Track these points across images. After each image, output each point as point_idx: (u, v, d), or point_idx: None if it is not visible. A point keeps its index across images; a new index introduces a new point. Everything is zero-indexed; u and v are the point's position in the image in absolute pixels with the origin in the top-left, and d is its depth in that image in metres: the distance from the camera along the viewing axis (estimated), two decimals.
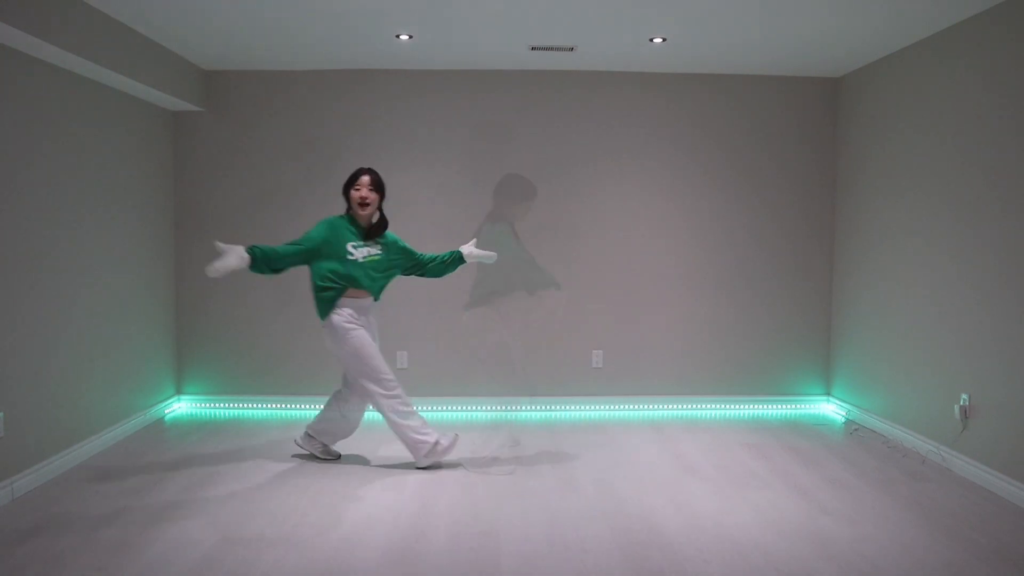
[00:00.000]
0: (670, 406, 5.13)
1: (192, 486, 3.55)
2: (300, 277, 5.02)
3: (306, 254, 3.64)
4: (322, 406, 4.01)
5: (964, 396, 3.77)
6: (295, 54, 4.59)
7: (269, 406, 5.06)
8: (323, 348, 5.06)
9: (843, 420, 4.90)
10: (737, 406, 5.14)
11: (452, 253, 3.99)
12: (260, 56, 4.63)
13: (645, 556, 2.83)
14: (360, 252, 3.71)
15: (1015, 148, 3.44)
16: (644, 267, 5.09)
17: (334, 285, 3.66)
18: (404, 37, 4.21)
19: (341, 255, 3.66)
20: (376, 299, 3.84)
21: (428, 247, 5.04)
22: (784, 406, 5.16)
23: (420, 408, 5.03)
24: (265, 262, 3.50)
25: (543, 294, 5.01)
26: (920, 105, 4.15)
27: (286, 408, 5.05)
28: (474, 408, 5.07)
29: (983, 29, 3.66)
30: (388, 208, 5.11)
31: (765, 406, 5.14)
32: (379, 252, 3.79)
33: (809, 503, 3.38)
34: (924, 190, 4.11)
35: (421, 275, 4.03)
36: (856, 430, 4.64)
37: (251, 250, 3.45)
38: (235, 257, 3.38)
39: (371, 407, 3.91)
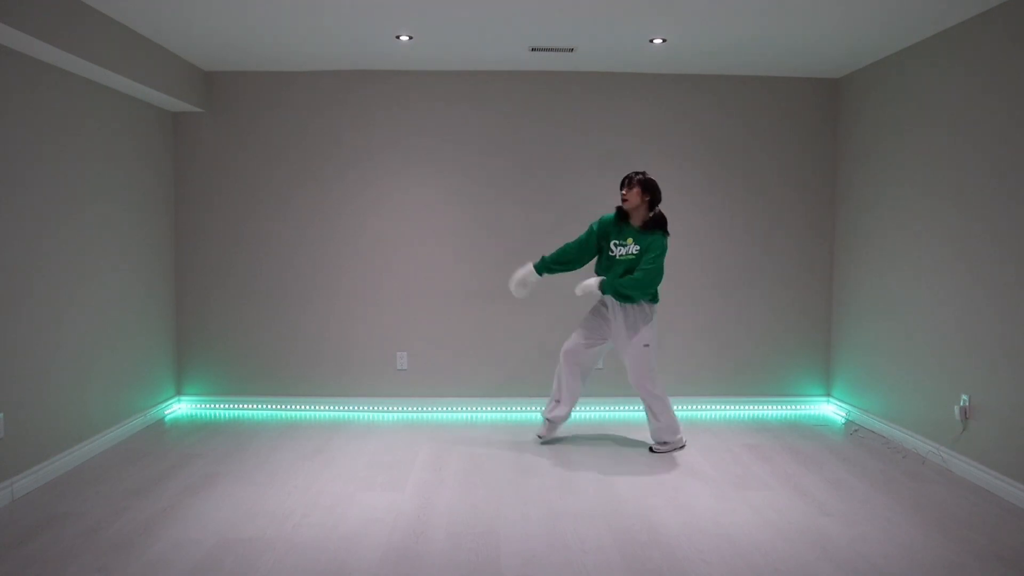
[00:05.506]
0: None
1: (192, 486, 3.55)
2: (300, 277, 5.05)
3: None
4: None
5: (964, 397, 3.77)
6: (295, 55, 4.59)
7: (269, 406, 5.06)
8: (322, 348, 5.09)
9: (843, 421, 4.90)
10: (737, 407, 5.14)
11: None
12: (260, 57, 4.63)
13: (645, 556, 2.83)
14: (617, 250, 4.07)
15: (1016, 148, 3.44)
16: None
17: None
18: (404, 38, 4.22)
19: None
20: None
21: (427, 247, 5.07)
22: (784, 407, 5.16)
23: (421, 409, 5.07)
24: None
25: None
26: (920, 106, 4.16)
27: (286, 408, 5.05)
28: (474, 409, 5.07)
29: (983, 30, 3.66)
30: (391, 210, 5.15)
31: (765, 407, 5.14)
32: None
33: (809, 504, 3.38)
34: (924, 191, 4.11)
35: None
36: (856, 431, 4.64)
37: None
38: None
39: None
